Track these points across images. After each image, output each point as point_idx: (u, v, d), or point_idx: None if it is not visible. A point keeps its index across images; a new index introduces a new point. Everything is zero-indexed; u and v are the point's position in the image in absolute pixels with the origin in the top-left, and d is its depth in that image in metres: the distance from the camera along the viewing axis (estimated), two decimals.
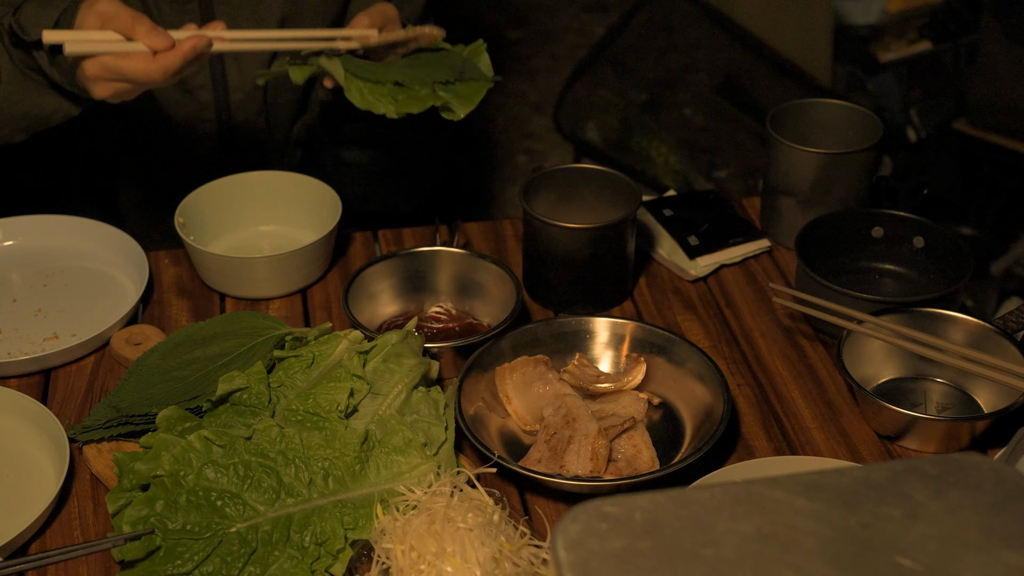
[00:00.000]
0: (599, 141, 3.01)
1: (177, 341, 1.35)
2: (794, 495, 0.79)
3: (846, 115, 1.59)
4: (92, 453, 1.25)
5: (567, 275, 1.45)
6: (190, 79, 1.61)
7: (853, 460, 1.27)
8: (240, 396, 1.20)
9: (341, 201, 1.53)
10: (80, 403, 1.35)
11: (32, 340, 1.43)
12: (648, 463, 1.25)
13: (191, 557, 1.07)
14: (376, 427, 1.19)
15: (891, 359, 1.36)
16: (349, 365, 1.23)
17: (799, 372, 1.39)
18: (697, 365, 1.31)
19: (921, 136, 2.84)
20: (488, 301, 1.45)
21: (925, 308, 1.35)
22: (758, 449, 1.29)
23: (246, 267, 1.47)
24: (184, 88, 1.63)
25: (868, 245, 1.51)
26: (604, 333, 1.37)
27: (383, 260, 1.45)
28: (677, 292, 1.53)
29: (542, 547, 1.07)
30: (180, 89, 1.63)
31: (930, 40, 2.90)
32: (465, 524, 1.05)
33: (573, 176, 1.51)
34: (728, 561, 0.75)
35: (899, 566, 0.75)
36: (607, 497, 0.79)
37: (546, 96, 3.50)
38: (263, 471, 1.12)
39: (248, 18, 1.59)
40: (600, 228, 1.41)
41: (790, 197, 1.55)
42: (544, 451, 1.24)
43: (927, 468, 0.82)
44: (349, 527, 1.11)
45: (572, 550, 0.75)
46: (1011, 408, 1.24)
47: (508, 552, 1.04)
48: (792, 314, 1.47)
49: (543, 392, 1.32)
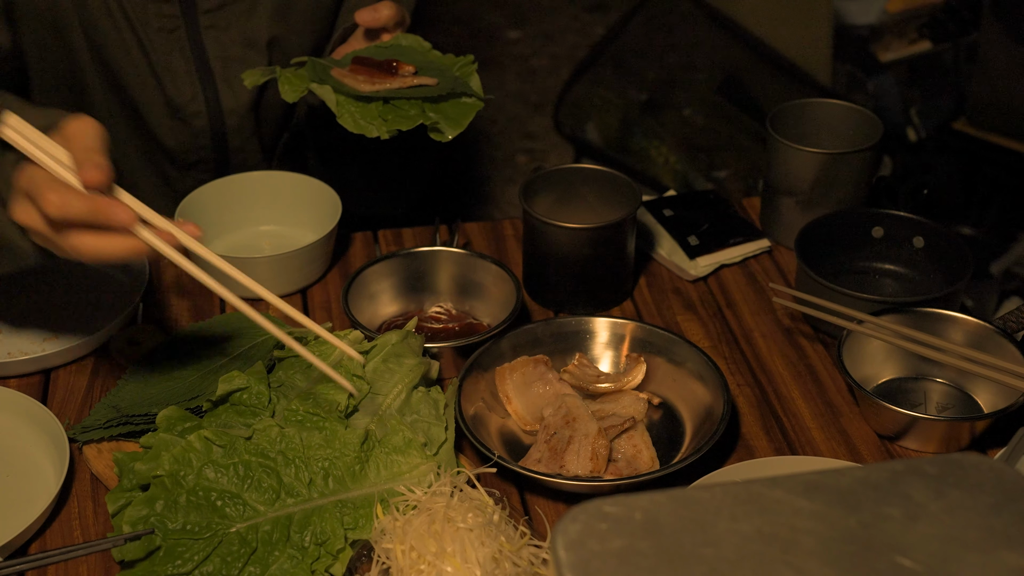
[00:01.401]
0: (599, 141, 3.01)
1: (177, 341, 1.35)
2: (794, 495, 0.79)
3: (846, 115, 1.59)
4: (92, 453, 1.25)
5: (567, 275, 1.45)
6: (184, 107, 1.58)
7: (853, 460, 1.27)
8: (240, 396, 1.20)
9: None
10: (80, 403, 1.35)
11: (32, 340, 1.43)
12: (648, 463, 1.25)
13: (191, 557, 1.07)
14: (376, 427, 1.19)
15: (891, 359, 1.36)
16: (349, 365, 1.23)
17: (799, 372, 1.39)
18: (697, 365, 1.31)
19: (921, 136, 2.83)
20: (488, 301, 1.45)
21: (925, 308, 1.35)
22: (758, 449, 1.29)
23: (246, 267, 1.47)
24: (179, 116, 1.59)
25: (868, 245, 1.51)
26: (604, 333, 1.37)
27: (383, 260, 1.45)
28: (677, 292, 1.53)
29: (542, 547, 1.07)
30: (173, 116, 1.59)
31: (930, 40, 2.90)
32: (465, 524, 1.05)
33: (573, 176, 1.51)
34: (728, 561, 0.75)
35: (899, 566, 0.75)
36: (607, 497, 0.79)
37: (546, 96, 3.50)
38: (263, 471, 1.12)
39: (237, 39, 1.56)
40: (600, 228, 1.41)
41: (790, 197, 1.55)
42: (544, 451, 1.24)
43: (927, 468, 0.82)
44: (349, 527, 1.11)
45: (572, 550, 0.75)
46: (1011, 408, 1.24)
47: (508, 552, 1.04)
48: (792, 314, 1.47)
49: (543, 392, 1.32)
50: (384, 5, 1.43)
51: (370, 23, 1.43)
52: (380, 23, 1.43)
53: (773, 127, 1.54)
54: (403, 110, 1.35)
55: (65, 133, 1.06)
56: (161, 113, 1.58)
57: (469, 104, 1.37)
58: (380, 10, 1.43)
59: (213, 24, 1.54)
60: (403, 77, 1.36)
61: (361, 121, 1.34)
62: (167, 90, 1.56)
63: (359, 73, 1.36)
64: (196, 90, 1.57)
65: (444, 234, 1.55)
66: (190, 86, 1.57)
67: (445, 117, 1.35)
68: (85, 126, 1.06)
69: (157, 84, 1.56)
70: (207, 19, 1.54)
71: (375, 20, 1.43)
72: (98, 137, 1.06)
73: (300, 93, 1.36)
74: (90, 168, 1.03)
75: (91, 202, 1.03)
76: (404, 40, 1.44)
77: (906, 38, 2.94)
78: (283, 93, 1.36)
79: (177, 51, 1.54)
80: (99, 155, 1.04)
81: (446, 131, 1.35)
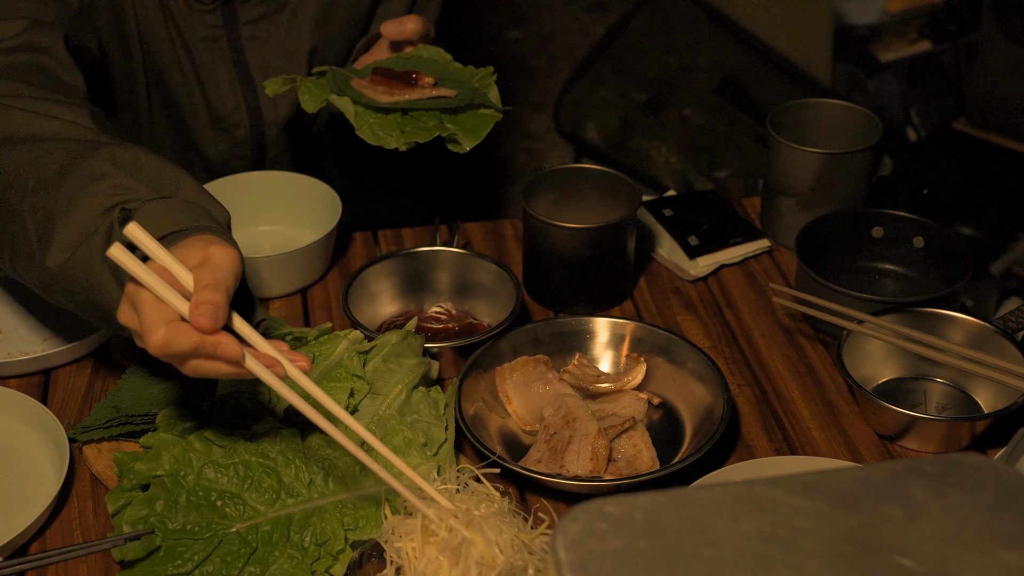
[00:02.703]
0: (599, 141, 3.01)
1: None
2: (794, 495, 0.79)
3: (846, 115, 1.59)
4: (92, 453, 1.25)
5: (567, 275, 1.45)
6: (226, 116, 1.58)
7: (853, 460, 1.27)
8: (240, 396, 1.20)
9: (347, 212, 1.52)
10: (80, 403, 1.35)
11: (32, 340, 1.43)
12: (648, 463, 1.25)
13: (191, 557, 1.07)
14: (376, 427, 1.19)
15: (891, 359, 1.36)
16: (349, 365, 1.23)
17: (799, 372, 1.39)
18: (697, 365, 1.31)
19: (921, 136, 2.83)
20: (488, 301, 1.45)
21: (925, 308, 1.35)
22: (758, 449, 1.29)
23: (246, 267, 1.47)
24: (221, 126, 1.59)
25: (868, 245, 1.51)
26: (604, 333, 1.37)
27: (383, 260, 1.45)
28: (677, 292, 1.53)
29: None
30: (216, 127, 1.59)
31: (930, 40, 2.90)
32: (479, 512, 1.04)
33: (573, 176, 1.51)
34: (728, 561, 0.75)
35: (899, 566, 0.75)
36: (607, 497, 0.79)
37: (546, 96, 3.50)
38: (263, 471, 1.12)
39: (278, 50, 1.56)
40: (600, 228, 1.41)
41: (790, 197, 1.55)
42: (544, 451, 1.24)
43: (927, 468, 0.82)
44: (349, 528, 1.11)
45: (572, 550, 0.75)
46: (1011, 408, 1.24)
47: (525, 541, 1.04)
48: (792, 314, 1.47)
49: (543, 392, 1.32)
50: (410, 19, 1.43)
51: (395, 36, 1.43)
52: (404, 36, 1.43)
53: (773, 127, 1.54)
54: (421, 122, 1.35)
55: (204, 260, 1.01)
56: (204, 123, 1.59)
57: (487, 115, 1.36)
58: (406, 23, 1.43)
59: (254, 35, 1.54)
60: (422, 88, 1.36)
61: (380, 133, 1.34)
62: (211, 99, 1.57)
63: (379, 84, 1.36)
64: (238, 100, 1.57)
65: (444, 234, 1.55)
66: (232, 96, 1.57)
67: (463, 128, 1.35)
68: (223, 258, 1.01)
69: (202, 93, 1.56)
70: (248, 30, 1.54)
71: (400, 33, 1.43)
72: (229, 273, 1.00)
73: (319, 104, 1.35)
74: (202, 312, 0.96)
75: (198, 340, 0.96)
76: (426, 52, 1.44)
77: (906, 38, 2.94)
78: (303, 103, 1.35)
79: (220, 61, 1.54)
80: (220, 295, 0.97)
81: (464, 142, 1.34)
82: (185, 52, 1.53)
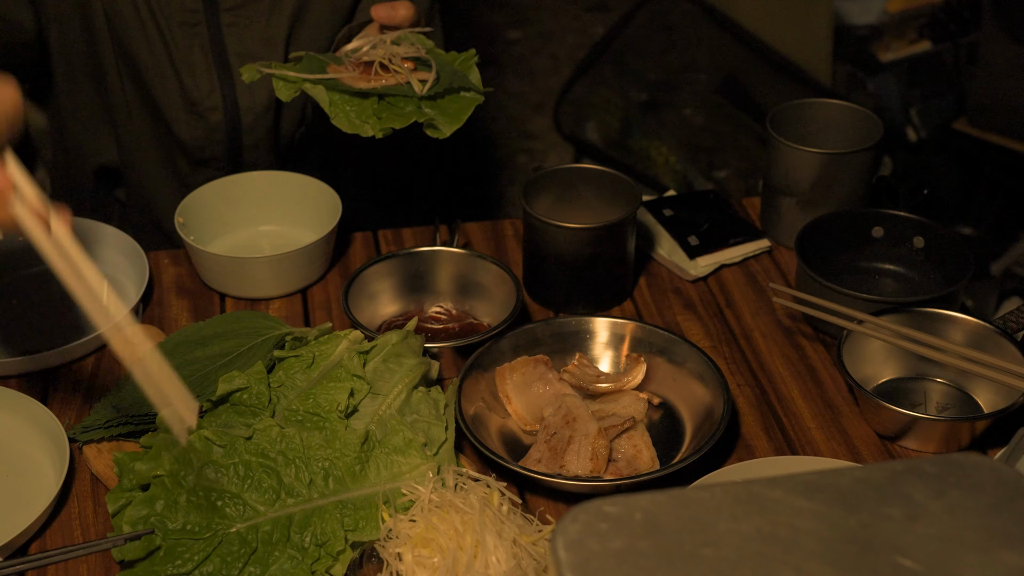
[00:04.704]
0: (599, 141, 3.01)
1: (177, 341, 1.35)
2: (794, 495, 0.79)
3: (846, 115, 1.59)
4: (92, 453, 1.25)
5: (567, 275, 1.45)
6: (200, 101, 1.58)
7: (853, 460, 1.27)
8: (240, 396, 1.20)
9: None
10: (80, 403, 1.35)
11: (32, 340, 1.43)
12: (648, 463, 1.25)
13: (191, 557, 1.07)
14: (376, 427, 1.19)
15: (891, 359, 1.36)
16: (349, 365, 1.23)
17: (799, 372, 1.39)
18: (697, 365, 1.31)
19: (921, 136, 2.83)
20: (488, 301, 1.45)
21: (925, 308, 1.35)
22: (758, 449, 1.29)
23: (246, 267, 1.47)
24: (195, 111, 1.59)
25: (868, 245, 1.51)
26: (604, 333, 1.37)
27: (383, 260, 1.45)
28: (677, 292, 1.53)
29: None
30: (190, 112, 1.59)
31: (930, 40, 2.90)
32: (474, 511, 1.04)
33: (573, 176, 1.51)
34: (728, 561, 0.75)
35: (899, 566, 0.75)
36: (607, 497, 0.79)
37: (546, 96, 3.50)
38: (263, 471, 1.12)
39: (257, 37, 1.56)
40: (600, 228, 1.41)
41: (790, 197, 1.55)
42: (544, 451, 1.24)
43: (927, 468, 0.82)
44: (349, 528, 1.11)
45: (572, 550, 0.75)
46: (1011, 408, 1.24)
47: (525, 544, 1.04)
48: (792, 314, 1.47)
49: (543, 392, 1.32)
50: (401, 5, 1.42)
51: (386, 20, 1.43)
52: (395, 21, 1.43)
53: (773, 127, 1.54)
54: (398, 107, 1.34)
55: None
56: (178, 107, 1.59)
57: (468, 99, 1.34)
58: (397, 8, 1.42)
59: (234, 21, 1.55)
60: (399, 73, 1.35)
61: (356, 120, 1.32)
62: (185, 84, 1.57)
63: (355, 68, 1.35)
64: (214, 85, 1.58)
65: (444, 234, 1.55)
66: (208, 81, 1.57)
67: (443, 113, 1.33)
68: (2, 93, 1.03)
69: (176, 77, 1.57)
70: (228, 16, 1.55)
71: (391, 18, 1.43)
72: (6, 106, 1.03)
73: (293, 93, 1.34)
74: None
75: None
76: (408, 38, 1.44)
77: (906, 38, 2.94)
78: (277, 91, 1.35)
79: (197, 46, 1.55)
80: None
81: (443, 127, 1.32)
82: (158, 35, 1.54)
